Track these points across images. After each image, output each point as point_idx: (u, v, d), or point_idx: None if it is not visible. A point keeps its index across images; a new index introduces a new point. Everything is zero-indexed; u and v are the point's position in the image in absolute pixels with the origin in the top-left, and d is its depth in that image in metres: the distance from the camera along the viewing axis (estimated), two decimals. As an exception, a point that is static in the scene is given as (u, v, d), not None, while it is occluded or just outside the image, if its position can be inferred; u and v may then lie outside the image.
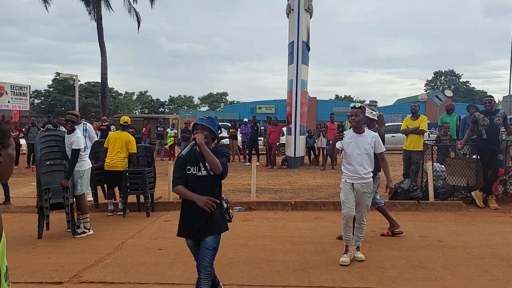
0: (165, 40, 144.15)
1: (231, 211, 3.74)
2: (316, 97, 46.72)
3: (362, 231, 5.36)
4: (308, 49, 16.41)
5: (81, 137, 6.54)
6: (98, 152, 8.75)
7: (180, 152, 3.35)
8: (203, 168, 3.42)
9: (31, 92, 24.79)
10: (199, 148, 3.37)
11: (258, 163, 13.21)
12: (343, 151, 5.30)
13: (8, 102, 20.51)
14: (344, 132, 5.13)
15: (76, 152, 6.43)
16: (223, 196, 3.68)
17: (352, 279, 4.67)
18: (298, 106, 15.30)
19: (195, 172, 3.44)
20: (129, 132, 8.20)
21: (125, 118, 8.11)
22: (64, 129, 7.25)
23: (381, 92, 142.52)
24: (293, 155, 15.39)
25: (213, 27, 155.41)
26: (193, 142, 3.37)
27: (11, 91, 21.08)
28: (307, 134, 16.48)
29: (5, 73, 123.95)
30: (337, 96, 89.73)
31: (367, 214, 5.39)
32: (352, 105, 5.12)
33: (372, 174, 5.22)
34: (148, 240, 6.36)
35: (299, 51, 15.21)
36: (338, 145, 5.20)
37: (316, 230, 6.79)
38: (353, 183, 5.16)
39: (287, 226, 7.17)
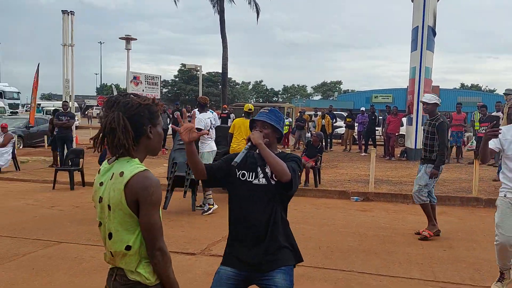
0: (280, 30, 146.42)
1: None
2: (438, 86, 43.52)
3: None
4: (434, 34, 15.36)
5: (200, 118, 7.06)
6: (219, 136, 9.36)
7: (234, 159, 2.45)
8: (261, 175, 2.50)
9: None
10: (257, 150, 2.49)
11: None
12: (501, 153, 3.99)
13: (143, 90, 22.74)
14: (502, 128, 3.77)
15: None
16: None
17: (482, 278, 4.40)
18: (421, 95, 14.49)
19: (250, 179, 2.51)
20: (249, 120, 8.64)
21: (249, 106, 8.53)
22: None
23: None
24: (413, 147, 14.65)
25: (327, 14, 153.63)
26: (249, 143, 2.47)
27: (145, 81, 23.35)
28: (429, 125, 15.54)
29: (138, 65, 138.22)
30: (462, 85, 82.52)
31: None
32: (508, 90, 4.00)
33: None
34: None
35: (424, 37, 14.33)
36: (492, 144, 3.83)
37: (440, 225, 6.43)
38: None
39: (408, 219, 6.95)
